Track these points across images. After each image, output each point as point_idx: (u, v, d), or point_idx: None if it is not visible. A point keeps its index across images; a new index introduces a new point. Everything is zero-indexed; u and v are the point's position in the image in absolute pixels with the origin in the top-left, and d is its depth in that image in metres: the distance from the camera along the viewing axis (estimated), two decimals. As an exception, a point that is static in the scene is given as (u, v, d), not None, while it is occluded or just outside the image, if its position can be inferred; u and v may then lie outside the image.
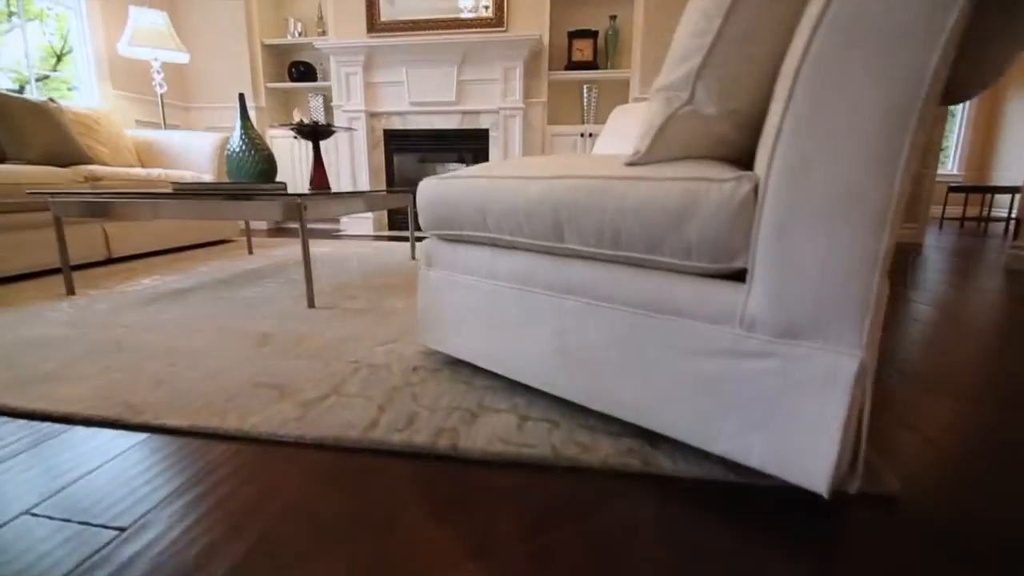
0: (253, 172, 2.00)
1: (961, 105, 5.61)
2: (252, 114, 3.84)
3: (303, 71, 3.88)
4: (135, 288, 1.83)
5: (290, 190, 3.74)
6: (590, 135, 3.46)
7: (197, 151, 2.99)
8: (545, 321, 0.84)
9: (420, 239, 3.22)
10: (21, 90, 2.89)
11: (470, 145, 3.61)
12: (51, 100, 2.37)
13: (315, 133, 1.97)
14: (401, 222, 3.85)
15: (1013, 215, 4.69)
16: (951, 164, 5.98)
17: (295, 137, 3.89)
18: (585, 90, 3.50)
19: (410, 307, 1.56)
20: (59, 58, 3.18)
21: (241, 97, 2.02)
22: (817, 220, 0.56)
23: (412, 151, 3.79)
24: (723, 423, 0.66)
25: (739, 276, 0.65)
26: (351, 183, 3.72)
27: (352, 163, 3.70)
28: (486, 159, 3.57)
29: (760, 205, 0.59)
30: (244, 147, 1.99)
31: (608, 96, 3.61)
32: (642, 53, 3.26)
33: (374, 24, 3.52)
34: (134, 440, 0.79)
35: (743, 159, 0.79)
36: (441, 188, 0.95)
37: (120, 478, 0.69)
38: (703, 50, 0.66)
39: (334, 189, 3.87)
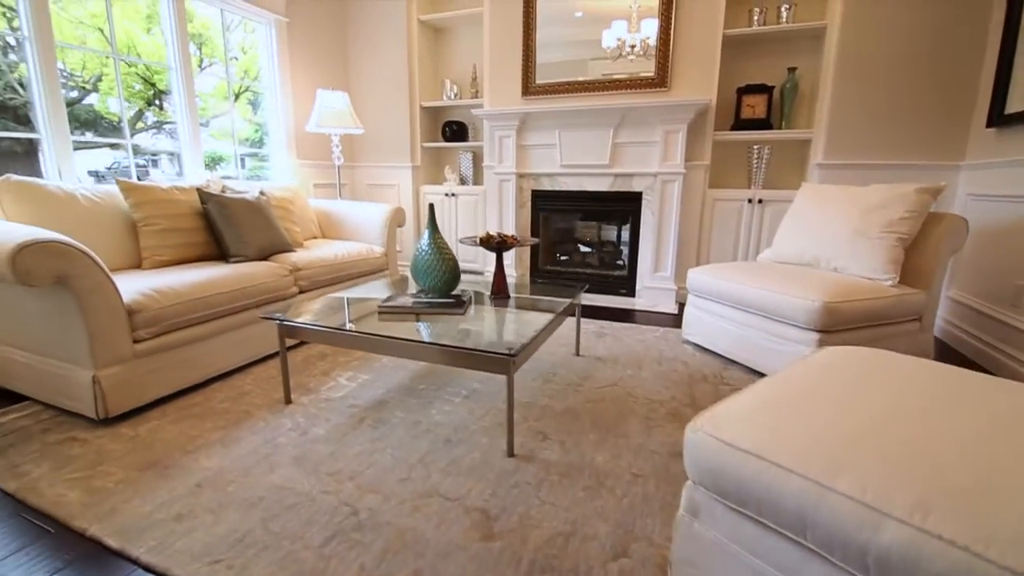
0: (439, 280, 2.06)
1: None
2: (408, 173, 4.06)
3: (456, 130, 4.01)
4: (337, 394, 1.97)
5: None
6: (759, 201, 3.15)
7: (368, 222, 3.20)
8: (886, 676, 0.69)
9: (587, 309, 3.16)
10: (206, 124, 3.26)
11: (621, 207, 3.48)
12: (262, 193, 2.67)
13: (500, 245, 1.98)
14: (547, 274, 3.81)
15: None
16: None
17: (447, 195, 4.05)
18: (755, 151, 3.19)
19: (611, 468, 1.48)
20: (237, 96, 3.55)
21: (431, 208, 2.10)
22: None
23: (559, 211, 3.75)
24: None
25: None
26: (498, 242, 3.77)
27: (500, 222, 3.75)
28: (637, 222, 3.41)
29: None
30: (432, 255, 2.06)
31: (781, 157, 3.27)
32: (830, 111, 2.89)
33: (528, 87, 3.53)
34: None
35: None
36: (733, 462, 0.84)
37: None
38: None
39: (481, 250, 3.95)
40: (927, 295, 2.08)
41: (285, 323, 1.79)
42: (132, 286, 1.83)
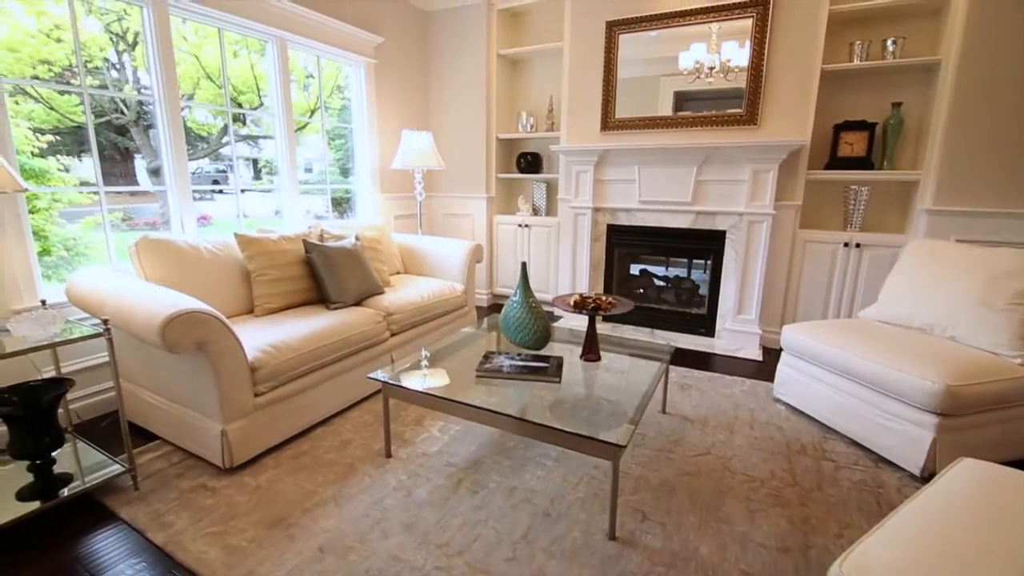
0: (531, 338, 2.10)
1: None
2: (483, 204, 4.14)
3: (531, 161, 4.05)
4: (433, 448, 2.04)
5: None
6: (857, 245, 2.98)
7: (449, 259, 3.29)
8: None
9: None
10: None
11: (702, 245, 3.39)
12: (357, 239, 2.80)
13: (595, 309, 1.99)
14: (619, 317, 3.77)
15: None
16: None
17: (520, 226, 4.09)
18: (852, 192, 3.01)
19: (717, 562, 1.45)
20: (305, 122, 3.71)
21: (523, 266, 2.13)
22: None
23: (636, 246, 3.70)
24: None
25: None
26: (570, 276, 3.78)
27: (573, 256, 3.75)
28: (719, 261, 3.32)
29: None
30: (524, 313, 2.10)
31: (882, 199, 3.07)
32: (942, 152, 2.69)
33: (608, 122, 3.50)
34: None
35: None
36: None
37: None
38: None
39: (553, 282, 3.97)
40: (1064, 373, 1.90)
41: (391, 385, 1.88)
42: (252, 342, 1.98)
